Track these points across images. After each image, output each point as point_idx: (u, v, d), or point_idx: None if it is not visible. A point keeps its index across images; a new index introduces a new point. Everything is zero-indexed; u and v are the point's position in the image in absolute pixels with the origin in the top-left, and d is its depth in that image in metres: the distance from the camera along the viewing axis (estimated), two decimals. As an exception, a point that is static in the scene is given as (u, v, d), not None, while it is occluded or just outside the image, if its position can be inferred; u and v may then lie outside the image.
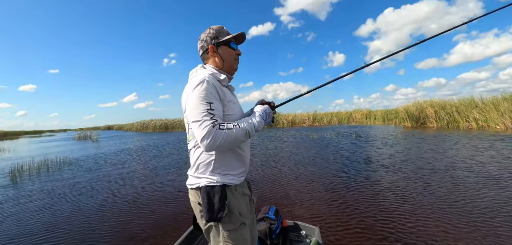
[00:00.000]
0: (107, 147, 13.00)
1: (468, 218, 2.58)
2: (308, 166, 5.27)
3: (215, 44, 1.12)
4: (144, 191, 4.19)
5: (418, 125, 15.51)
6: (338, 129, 16.58)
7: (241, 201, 1.13)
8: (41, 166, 7.20)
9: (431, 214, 2.73)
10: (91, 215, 3.28)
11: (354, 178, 4.25)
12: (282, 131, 18.62)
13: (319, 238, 1.94)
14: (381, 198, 3.27)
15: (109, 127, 60.42)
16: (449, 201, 3.05)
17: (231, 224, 1.05)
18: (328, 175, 4.53)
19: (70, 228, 2.87)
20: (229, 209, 1.05)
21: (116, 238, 2.59)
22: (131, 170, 6.22)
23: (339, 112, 27.84)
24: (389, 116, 21.05)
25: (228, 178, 1.07)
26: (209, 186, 1.05)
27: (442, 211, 2.78)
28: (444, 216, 2.66)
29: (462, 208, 2.83)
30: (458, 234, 2.27)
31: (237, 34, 1.15)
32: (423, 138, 9.08)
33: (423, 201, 3.10)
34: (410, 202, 3.11)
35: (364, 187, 3.75)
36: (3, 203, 3.97)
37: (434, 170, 4.46)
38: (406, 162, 5.27)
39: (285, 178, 4.45)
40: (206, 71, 1.09)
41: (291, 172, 4.92)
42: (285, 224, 2.07)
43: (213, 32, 1.13)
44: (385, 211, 2.87)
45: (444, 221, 2.54)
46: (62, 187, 4.79)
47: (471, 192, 3.29)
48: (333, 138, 10.94)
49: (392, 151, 6.67)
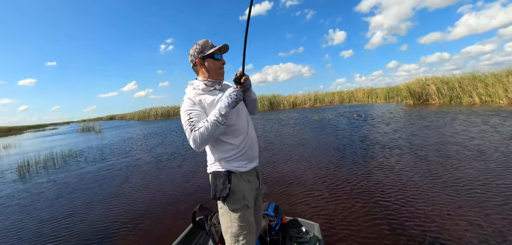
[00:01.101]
0: (111, 138, 13.15)
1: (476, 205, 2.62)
2: (308, 158, 5.20)
3: (201, 57, 1.28)
4: (149, 181, 4.29)
5: (420, 103, 15.38)
6: (339, 109, 16.51)
7: (246, 186, 1.30)
8: (47, 160, 7.34)
9: (430, 200, 2.77)
10: (95, 207, 3.38)
11: (356, 169, 4.15)
12: (284, 113, 18.60)
13: (319, 234, 1.96)
14: (381, 191, 3.19)
15: (112, 117, 60.66)
16: (458, 189, 3.08)
17: (235, 204, 1.26)
18: (328, 168, 4.40)
19: (73, 221, 2.99)
20: (233, 191, 1.25)
21: (123, 227, 2.70)
22: (136, 159, 6.36)
23: (341, 91, 27.58)
24: (391, 94, 20.84)
25: (232, 166, 1.27)
26: (216, 171, 1.28)
27: (447, 197, 2.82)
28: (449, 202, 2.69)
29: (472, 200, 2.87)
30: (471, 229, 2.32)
31: (220, 46, 1.30)
32: (424, 116, 9.02)
33: (425, 188, 3.12)
34: (412, 191, 3.09)
35: (366, 180, 3.63)
36: (15, 195, 4.13)
37: (437, 153, 4.49)
38: (405, 146, 5.27)
39: (284, 173, 4.36)
40: (189, 87, 1.33)
41: (290, 165, 4.81)
42: (284, 221, 2.11)
43: (199, 47, 1.29)
44: (385, 205, 2.84)
45: (448, 207, 2.59)
46: (70, 179, 4.95)
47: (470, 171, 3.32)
48: (333, 119, 10.92)
49: (390, 132, 6.67)
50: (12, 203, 4.03)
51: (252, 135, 1.38)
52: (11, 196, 4.43)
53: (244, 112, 1.40)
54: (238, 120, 1.32)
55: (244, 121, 1.35)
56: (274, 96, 26.74)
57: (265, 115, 18.49)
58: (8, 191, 4.76)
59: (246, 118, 1.38)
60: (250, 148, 1.34)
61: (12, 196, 4.41)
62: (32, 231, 2.96)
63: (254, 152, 1.38)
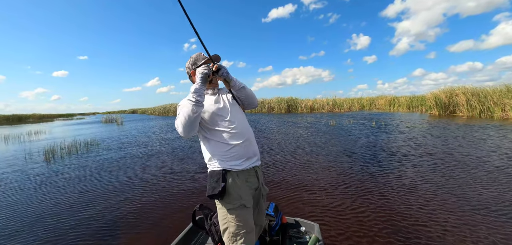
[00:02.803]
0: (130, 130, 13.74)
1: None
2: (313, 160, 5.15)
3: (194, 68, 1.39)
4: (161, 173, 4.41)
5: (447, 114, 14.48)
6: (357, 116, 16.00)
7: (242, 186, 1.29)
8: (71, 147, 7.80)
9: (437, 208, 2.59)
10: (97, 200, 3.50)
11: (359, 173, 4.11)
12: (300, 116, 18.38)
13: (318, 235, 1.93)
14: (385, 195, 3.15)
15: (134, 111, 63.47)
16: (456, 193, 2.86)
17: (230, 204, 1.26)
18: (333, 169, 4.39)
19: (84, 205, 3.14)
20: (229, 190, 1.26)
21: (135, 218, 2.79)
22: (152, 150, 6.58)
23: (361, 97, 26.79)
24: (415, 103, 19.86)
25: (227, 164, 1.27)
26: (212, 170, 1.31)
27: (447, 204, 2.63)
28: (450, 210, 2.51)
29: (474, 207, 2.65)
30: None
31: (212, 56, 1.33)
32: (446, 127, 8.48)
33: (430, 194, 2.95)
34: (415, 196, 2.99)
35: (368, 183, 3.63)
36: (41, 174, 4.43)
37: (443, 159, 4.19)
38: (420, 154, 4.98)
39: (287, 173, 4.36)
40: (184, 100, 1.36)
41: (294, 166, 4.79)
42: (284, 221, 2.07)
43: (192, 60, 1.41)
44: (386, 207, 2.79)
45: (449, 217, 2.40)
46: (90, 165, 5.23)
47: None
48: (349, 126, 10.59)
49: (406, 141, 6.33)
50: (35, 181, 4.38)
51: (246, 132, 1.36)
52: (39, 174, 4.86)
53: (236, 109, 1.40)
54: (231, 118, 1.32)
55: (237, 119, 1.35)
56: (291, 98, 26.52)
57: (282, 117, 18.38)
58: (36, 171, 5.21)
59: (239, 116, 1.38)
60: (245, 145, 1.32)
61: (39, 174, 4.84)
62: (43, 205, 3.17)
63: (251, 150, 1.36)
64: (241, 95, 1.44)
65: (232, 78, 1.36)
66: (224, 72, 1.30)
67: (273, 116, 19.88)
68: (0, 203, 3.54)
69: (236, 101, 1.45)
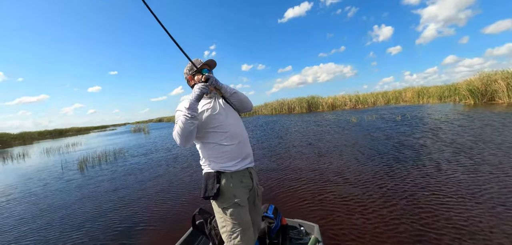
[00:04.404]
0: (155, 138, 14.47)
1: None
2: (317, 159, 5.02)
3: (191, 73, 1.44)
4: (166, 182, 4.60)
5: (484, 102, 13.21)
6: (382, 111, 15.19)
7: (237, 186, 1.34)
8: (101, 157, 8.42)
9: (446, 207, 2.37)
10: (108, 205, 3.75)
11: (366, 172, 3.91)
12: (320, 115, 17.92)
13: (318, 235, 1.91)
14: (389, 195, 2.98)
15: (160, 119, 66.71)
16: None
17: (225, 203, 1.31)
18: (337, 169, 4.22)
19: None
20: (223, 190, 1.30)
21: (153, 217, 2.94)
22: (175, 155, 6.86)
23: (386, 91, 25.38)
24: (447, 93, 18.36)
25: (221, 165, 1.32)
26: (207, 172, 1.37)
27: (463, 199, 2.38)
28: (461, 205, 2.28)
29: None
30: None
31: (207, 61, 1.43)
32: (488, 119, 7.71)
33: (445, 188, 2.71)
34: (425, 196, 2.75)
35: (371, 182, 3.45)
36: (73, 180, 4.85)
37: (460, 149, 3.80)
38: (439, 147, 4.58)
39: (288, 173, 4.30)
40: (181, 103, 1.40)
41: (297, 166, 4.71)
42: (284, 222, 2.05)
43: (190, 65, 1.44)
44: (388, 208, 2.66)
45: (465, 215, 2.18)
46: (116, 173, 5.61)
47: None
48: (372, 122, 10.09)
49: (426, 133, 5.86)
50: (68, 186, 4.82)
51: (239, 134, 1.40)
52: (70, 180, 5.35)
53: (231, 113, 1.44)
54: (224, 121, 1.37)
55: (231, 122, 1.39)
56: (312, 97, 25.99)
57: (302, 117, 18.08)
58: (70, 177, 5.72)
59: (233, 119, 1.42)
60: (238, 147, 1.37)
61: (71, 180, 5.32)
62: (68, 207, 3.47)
63: (244, 152, 1.40)
64: (233, 101, 1.48)
65: (222, 86, 1.40)
66: (212, 82, 1.33)
67: (293, 116, 19.64)
68: (41, 203, 4.24)
69: (230, 105, 1.49)
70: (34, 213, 3.77)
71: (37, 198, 4.59)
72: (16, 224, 3.44)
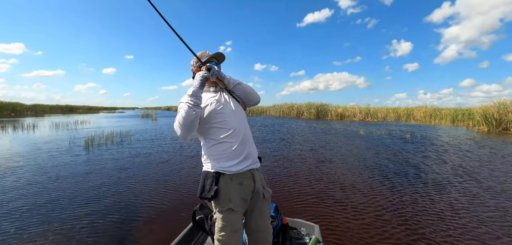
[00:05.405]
0: (161, 126, 14.64)
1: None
2: (321, 164, 5.00)
3: (198, 66, 1.39)
4: (168, 174, 4.61)
5: (499, 131, 12.80)
6: (391, 126, 14.93)
7: (234, 189, 1.27)
8: (108, 138, 8.56)
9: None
10: (107, 193, 3.73)
11: (366, 179, 3.95)
12: (328, 123, 17.74)
13: (319, 236, 1.90)
14: (389, 202, 3.02)
15: (169, 108, 67.52)
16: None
17: (218, 206, 1.27)
18: (341, 175, 4.25)
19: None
20: (218, 193, 1.26)
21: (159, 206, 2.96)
22: (181, 143, 6.94)
23: (398, 107, 24.91)
24: (461, 116, 17.88)
25: (221, 165, 1.28)
26: (206, 171, 1.33)
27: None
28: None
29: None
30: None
31: (215, 54, 1.42)
32: (494, 146, 7.45)
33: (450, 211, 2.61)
34: (424, 212, 2.67)
35: (375, 190, 3.48)
36: (79, 158, 4.95)
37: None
38: (446, 173, 4.44)
39: (291, 174, 4.33)
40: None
41: (300, 168, 4.72)
42: (284, 222, 2.02)
43: (196, 58, 1.39)
44: (388, 212, 2.71)
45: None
46: (122, 155, 5.70)
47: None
48: (380, 137, 9.92)
49: (432, 155, 5.70)
50: (76, 161, 4.88)
51: (242, 132, 1.32)
52: (75, 155, 5.40)
53: (236, 108, 1.37)
54: (228, 117, 1.31)
55: (235, 118, 1.33)
56: (322, 104, 25.77)
57: (310, 122, 17.97)
58: (76, 154, 5.80)
59: (237, 115, 1.35)
60: (241, 146, 1.30)
61: (76, 155, 5.38)
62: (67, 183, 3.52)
63: (246, 151, 1.32)
64: (238, 92, 1.41)
65: (225, 77, 1.35)
66: (214, 72, 1.29)
67: (301, 121, 19.54)
68: (49, 174, 4.41)
69: (236, 99, 1.43)
70: (40, 182, 3.91)
71: (45, 168, 4.74)
72: (24, 190, 3.54)
